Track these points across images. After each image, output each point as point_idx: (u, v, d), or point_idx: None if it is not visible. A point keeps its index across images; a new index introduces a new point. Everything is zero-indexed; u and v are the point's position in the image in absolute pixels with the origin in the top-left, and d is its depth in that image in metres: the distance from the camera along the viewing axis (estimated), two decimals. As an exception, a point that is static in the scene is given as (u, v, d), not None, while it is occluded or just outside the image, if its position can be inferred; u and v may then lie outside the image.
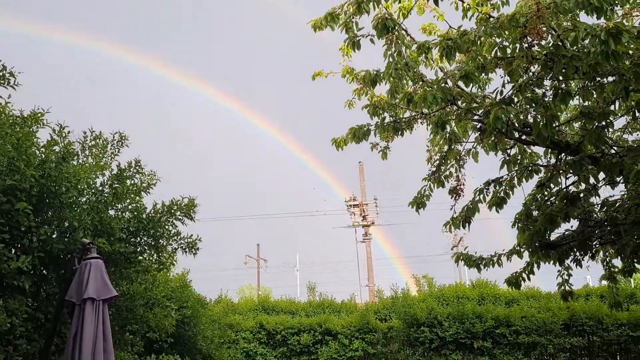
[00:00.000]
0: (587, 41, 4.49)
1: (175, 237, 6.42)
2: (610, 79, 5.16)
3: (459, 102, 6.17)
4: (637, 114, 5.47)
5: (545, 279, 10.69)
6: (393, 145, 7.41)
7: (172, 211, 6.38)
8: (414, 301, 14.29)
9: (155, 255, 6.45)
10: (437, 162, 7.41)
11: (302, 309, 16.60)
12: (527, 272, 7.49)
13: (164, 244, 6.40)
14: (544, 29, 4.87)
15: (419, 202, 7.39)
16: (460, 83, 5.85)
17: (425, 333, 12.86)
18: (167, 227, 6.35)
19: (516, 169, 6.86)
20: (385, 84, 6.30)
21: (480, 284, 16.57)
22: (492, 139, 5.82)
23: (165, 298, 7.85)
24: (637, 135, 6.86)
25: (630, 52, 4.64)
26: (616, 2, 4.89)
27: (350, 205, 31.02)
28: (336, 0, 5.86)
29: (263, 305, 16.83)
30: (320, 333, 13.99)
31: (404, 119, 6.94)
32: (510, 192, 6.97)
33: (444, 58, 5.68)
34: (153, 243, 6.35)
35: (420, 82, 6.31)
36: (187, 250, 6.50)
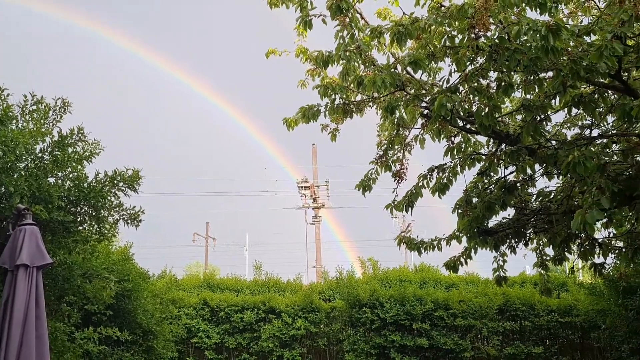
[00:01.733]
0: (529, 35, 4.66)
1: (117, 208, 6.32)
2: (550, 73, 5.39)
3: (408, 88, 6.29)
4: (572, 110, 5.72)
5: (485, 267, 11.11)
6: (349, 129, 7.48)
7: (115, 182, 6.26)
8: (358, 283, 14.53)
9: (95, 225, 6.33)
10: (385, 146, 7.54)
11: (247, 287, 16.64)
12: (464, 256, 7.74)
13: (106, 214, 6.28)
14: (491, 20, 5.02)
15: (365, 185, 7.52)
16: (410, 69, 5.96)
17: (367, 314, 13.13)
18: (109, 197, 6.23)
19: (459, 156, 7.06)
20: (337, 66, 6.35)
21: (423, 268, 17.05)
22: (437, 125, 5.97)
23: (105, 270, 7.72)
24: (574, 130, 7.18)
25: (569, 49, 4.85)
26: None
27: (302, 187, 31.16)
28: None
29: (208, 283, 16.77)
30: (264, 311, 14.07)
31: (353, 102, 7.02)
32: (453, 179, 7.16)
33: (395, 43, 5.78)
34: (94, 213, 6.22)
35: (372, 67, 6.38)
36: (129, 221, 6.41)
